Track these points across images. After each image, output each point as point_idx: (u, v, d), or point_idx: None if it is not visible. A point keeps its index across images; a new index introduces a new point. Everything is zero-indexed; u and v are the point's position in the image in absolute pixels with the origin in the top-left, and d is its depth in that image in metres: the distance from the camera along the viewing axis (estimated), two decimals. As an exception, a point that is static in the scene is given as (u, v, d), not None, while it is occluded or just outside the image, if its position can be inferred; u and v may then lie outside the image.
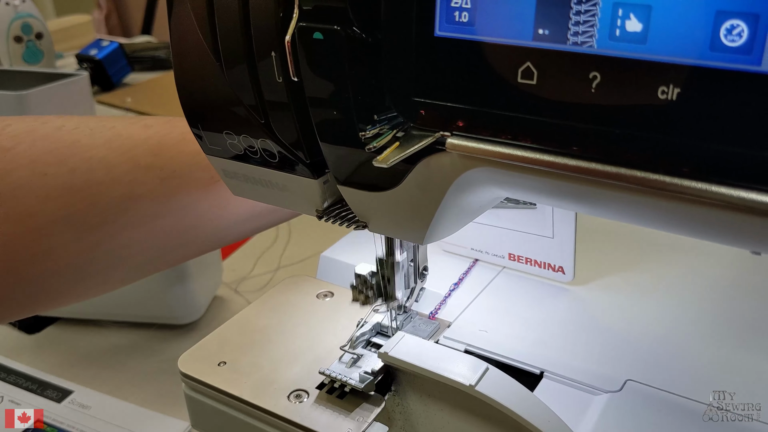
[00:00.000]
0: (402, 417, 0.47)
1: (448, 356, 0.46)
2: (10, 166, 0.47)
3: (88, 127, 0.52)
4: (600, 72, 0.31)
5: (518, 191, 0.40)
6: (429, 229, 0.41)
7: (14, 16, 1.17)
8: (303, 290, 0.60)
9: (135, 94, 1.38)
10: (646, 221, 0.35)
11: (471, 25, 0.33)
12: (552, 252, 0.60)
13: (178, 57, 0.44)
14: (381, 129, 0.37)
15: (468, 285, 0.61)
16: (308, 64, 0.37)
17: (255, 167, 0.45)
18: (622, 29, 0.30)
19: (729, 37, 0.28)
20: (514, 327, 0.56)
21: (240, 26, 0.39)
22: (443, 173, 0.37)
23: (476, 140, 0.35)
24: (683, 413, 0.46)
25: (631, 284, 0.61)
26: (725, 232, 0.32)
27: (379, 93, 0.37)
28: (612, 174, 0.31)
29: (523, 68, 0.32)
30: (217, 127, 0.45)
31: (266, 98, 0.41)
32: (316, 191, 0.44)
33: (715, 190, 0.29)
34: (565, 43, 0.31)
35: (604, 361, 0.52)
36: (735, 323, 0.55)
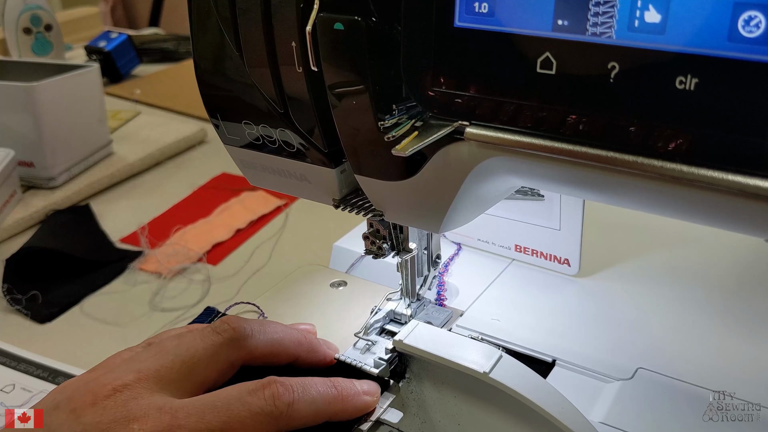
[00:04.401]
0: (416, 404, 0.48)
1: (461, 344, 0.47)
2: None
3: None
4: (619, 62, 0.31)
5: (535, 180, 0.40)
6: (445, 218, 0.42)
7: (23, 7, 1.17)
8: (316, 280, 0.60)
9: (143, 85, 1.39)
10: (664, 210, 0.36)
11: (491, 15, 0.34)
12: (558, 244, 0.60)
13: (198, 47, 0.44)
14: (400, 119, 0.38)
15: (478, 276, 0.62)
16: (328, 54, 0.38)
17: (273, 157, 0.46)
18: (641, 20, 0.30)
19: (747, 28, 0.28)
20: (526, 316, 0.56)
21: (261, 17, 0.40)
22: (461, 162, 0.38)
23: (495, 129, 0.35)
24: (694, 400, 0.47)
25: (639, 275, 0.61)
26: (741, 220, 0.33)
27: (398, 83, 0.37)
28: (630, 163, 0.32)
29: (542, 58, 0.33)
30: (236, 116, 0.45)
31: (285, 88, 0.42)
32: (334, 180, 0.44)
33: (732, 178, 0.30)
34: (585, 34, 0.32)
35: (615, 349, 0.52)
36: (743, 312, 0.56)
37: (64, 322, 0.75)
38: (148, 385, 0.41)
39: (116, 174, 1.02)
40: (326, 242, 0.70)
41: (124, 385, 0.41)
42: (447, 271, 0.62)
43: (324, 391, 0.43)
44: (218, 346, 0.44)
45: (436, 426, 0.47)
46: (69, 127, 0.97)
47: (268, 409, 0.40)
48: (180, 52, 1.58)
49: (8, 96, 0.92)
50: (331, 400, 0.43)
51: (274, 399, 0.40)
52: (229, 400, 0.40)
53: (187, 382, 0.42)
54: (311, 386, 0.42)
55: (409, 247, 0.51)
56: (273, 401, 0.40)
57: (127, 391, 0.41)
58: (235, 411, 0.40)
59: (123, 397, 0.40)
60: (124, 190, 1.02)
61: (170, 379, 0.42)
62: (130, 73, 1.48)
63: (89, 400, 0.40)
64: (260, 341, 0.45)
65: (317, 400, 0.42)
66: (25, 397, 0.64)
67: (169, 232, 0.87)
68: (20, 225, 0.89)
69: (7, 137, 0.93)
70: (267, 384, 0.41)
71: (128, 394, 0.40)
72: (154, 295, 0.77)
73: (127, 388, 0.41)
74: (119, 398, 0.40)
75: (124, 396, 0.40)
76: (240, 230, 0.89)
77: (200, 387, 0.43)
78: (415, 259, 0.52)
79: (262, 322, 0.47)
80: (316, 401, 0.42)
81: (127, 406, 0.40)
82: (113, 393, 0.40)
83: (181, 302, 0.76)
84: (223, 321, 0.46)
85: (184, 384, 0.42)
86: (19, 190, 0.92)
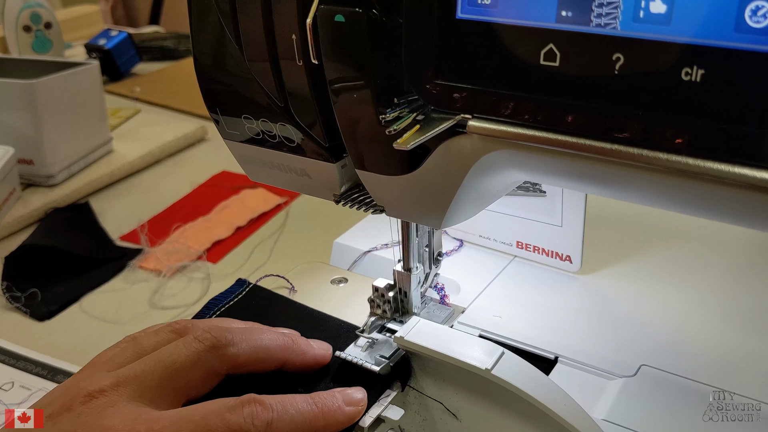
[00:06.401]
0: (417, 401, 0.48)
1: (463, 340, 0.46)
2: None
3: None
4: (623, 54, 0.31)
5: (539, 174, 0.40)
6: (447, 213, 0.41)
7: (23, 5, 1.17)
8: (317, 277, 0.60)
9: (143, 83, 1.38)
10: (669, 203, 0.35)
11: (493, 7, 0.33)
12: (560, 241, 0.60)
13: (198, 41, 0.44)
14: (401, 112, 0.37)
15: (480, 272, 0.62)
16: (329, 46, 0.37)
17: (273, 152, 0.45)
18: (646, 11, 0.30)
19: (754, 18, 0.28)
20: (528, 313, 0.56)
21: (261, 10, 0.39)
22: (463, 156, 0.37)
23: (497, 122, 0.35)
24: (698, 397, 0.47)
25: (641, 272, 0.61)
26: (747, 213, 0.32)
27: (400, 76, 0.37)
28: (635, 156, 0.32)
29: (545, 50, 0.32)
30: (235, 111, 0.45)
31: (286, 82, 0.41)
32: (334, 175, 0.44)
33: (738, 171, 0.30)
34: (589, 25, 0.31)
35: (618, 346, 0.52)
36: (747, 309, 0.55)
37: (63, 320, 0.75)
38: (126, 391, 0.41)
39: (116, 172, 1.02)
40: (327, 240, 0.70)
41: (100, 391, 0.40)
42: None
43: (304, 409, 0.42)
44: (200, 353, 0.43)
45: (437, 423, 0.47)
46: (69, 125, 0.97)
47: (246, 428, 0.39)
48: (180, 50, 1.58)
49: (8, 93, 0.91)
50: (311, 418, 0.42)
51: (252, 418, 0.40)
52: (208, 414, 0.39)
53: (168, 389, 0.42)
54: (291, 404, 0.42)
55: (412, 311, 0.52)
56: (251, 420, 0.40)
57: (104, 397, 0.40)
58: (212, 426, 0.39)
59: (99, 404, 0.40)
60: (123, 188, 1.02)
61: (150, 386, 0.41)
62: (130, 71, 1.48)
63: (66, 405, 0.40)
64: (243, 349, 0.44)
65: (296, 419, 0.41)
66: (24, 395, 0.64)
67: (169, 229, 0.87)
68: (20, 223, 0.89)
69: (7, 135, 0.92)
70: (246, 402, 0.40)
71: (104, 400, 0.40)
72: (153, 293, 0.77)
73: (103, 394, 0.40)
74: (95, 405, 0.39)
75: (101, 402, 0.40)
76: (240, 228, 0.88)
77: (181, 395, 0.42)
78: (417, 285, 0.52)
79: (246, 329, 0.47)
80: (295, 420, 0.41)
81: (102, 414, 0.39)
82: (89, 399, 0.40)
83: (181, 300, 0.76)
84: (204, 330, 0.45)
85: (164, 391, 0.42)
86: (18, 187, 0.92)
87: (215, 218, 0.90)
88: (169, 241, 0.84)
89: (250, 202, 0.93)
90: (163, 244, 0.84)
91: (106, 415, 0.39)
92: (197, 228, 0.88)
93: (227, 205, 0.93)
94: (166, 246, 0.84)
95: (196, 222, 0.89)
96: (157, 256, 0.82)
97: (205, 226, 0.88)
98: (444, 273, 0.58)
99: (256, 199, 0.93)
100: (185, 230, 0.87)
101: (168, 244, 0.84)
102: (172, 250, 0.83)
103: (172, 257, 0.81)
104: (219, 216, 0.91)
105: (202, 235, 0.86)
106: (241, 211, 0.91)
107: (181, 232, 0.87)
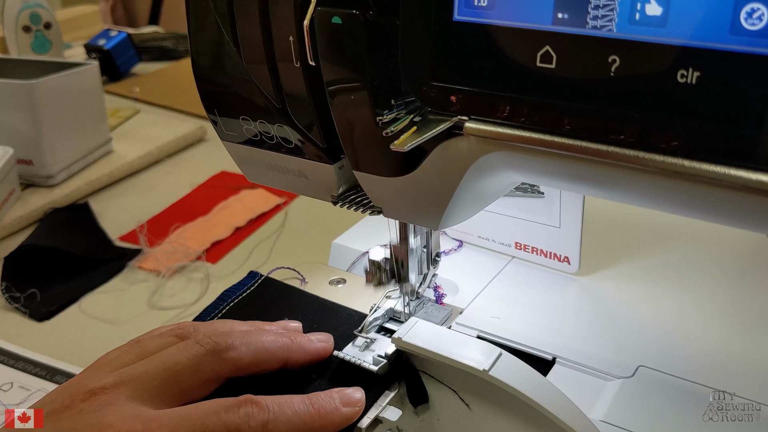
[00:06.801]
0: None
1: (461, 341, 0.46)
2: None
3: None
4: (619, 55, 0.31)
5: (536, 175, 0.40)
6: (444, 214, 0.41)
7: (23, 6, 1.17)
8: (315, 277, 0.60)
9: (142, 84, 1.38)
10: (665, 205, 0.35)
11: (490, 9, 0.33)
12: (558, 242, 0.60)
13: (195, 42, 0.44)
14: (398, 113, 0.37)
15: (478, 273, 0.62)
16: (326, 48, 0.37)
17: (271, 153, 0.45)
18: (641, 13, 0.30)
19: (749, 21, 0.28)
20: (526, 314, 0.56)
21: (258, 11, 0.39)
22: (460, 157, 0.38)
23: (494, 124, 0.35)
24: (695, 398, 0.47)
25: (639, 273, 0.61)
26: (743, 215, 0.32)
27: (397, 77, 0.37)
28: (631, 158, 0.32)
29: (542, 52, 0.32)
30: (233, 112, 0.45)
31: (283, 83, 0.41)
32: (332, 176, 0.44)
33: (734, 173, 0.30)
34: (585, 27, 0.31)
35: (615, 347, 0.52)
36: (744, 309, 0.55)
37: (62, 321, 0.75)
38: (126, 390, 0.41)
39: (115, 172, 1.02)
40: (325, 240, 0.70)
41: (101, 388, 0.41)
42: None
43: (300, 410, 0.42)
44: (201, 356, 0.43)
45: (435, 424, 0.47)
46: (68, 125, 0.97)
47: (242, 428, 0.40)
48: (179, 50, 1.58)
49: (7, 93, 0.91)
50: (307, 419, 0.42)
51: (248, 418, 0.40)
52: (206, 414, 0.40)
53: (168, 390, 0.42)
54: (287, 405, 0.42)
55: (410, 278, 0.52)
56: (247, 420, 0.40)
57: (104, 395, 0.40)
58: (209, 426, 0.39)
59: (99, 402, 0.40)
60: (123, 188, 1.02)
61: (150, 386, 0.42)
62: (129, 72, 1.48)
63: (67, 403, 0.40)
64: (244, 352, 0.45)
65: (293, 420, 0.42)
66: (23, 395, 0.64)
67: (168, 230, 0.87)
68: (19, 223, 0.89)
69: (6, 135, 0.92)
70: (243, 402, 0.41)
71: (105, 398, 0.40)
72: (152, 293, 0.77)
73: (104, 392, 0.40)
74: (95, 402, 0.40)
75: (101, 400, 0.40)
76: (239, 228, 0.88)
77: (180, 396, 0.43)
78: (415, 255, 0.51)
79: (247, 332, 0.47)
80: (291, 421, 0.42)
81: (102, 412, 0.39)
82: (90, 396, 0.40)
83: (180, 300, 0.76)
84: (206, 334, 0.45)
85: (164, 392, 0.42)
86: (18, 188, 0.92)
87: (214, 218, 0.90)
88: (168, 242, 0.85)
89: (250, 203, 0.93)
90: (163, 244, 0.84)
91: (106, 413, 0.39)
92: (196, 228, 0.88)
93: (226, 205, 0.93)
94: (165, 246, 0.84)
95: (196, 222, 0.89)
96: (157, 257, 0.82)
97: (204, 226, 0.88)
98: (442, 274, 0.58)
99: (255, 200, 0.93)
100: (184, 230, 0.87)
101: (167, 245, 0.84)
102: (172, 251, 0.83)
103: (172, 257, 0.82)
104: (218, 216, 0.91)
105: (201, 235, 0.86)
106: (241, 212, 0.91)
107: (180, 232, 0.87)
